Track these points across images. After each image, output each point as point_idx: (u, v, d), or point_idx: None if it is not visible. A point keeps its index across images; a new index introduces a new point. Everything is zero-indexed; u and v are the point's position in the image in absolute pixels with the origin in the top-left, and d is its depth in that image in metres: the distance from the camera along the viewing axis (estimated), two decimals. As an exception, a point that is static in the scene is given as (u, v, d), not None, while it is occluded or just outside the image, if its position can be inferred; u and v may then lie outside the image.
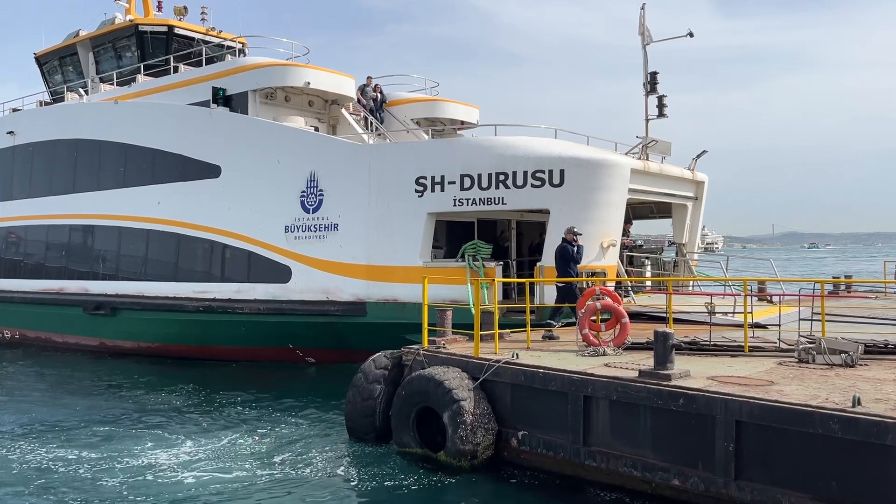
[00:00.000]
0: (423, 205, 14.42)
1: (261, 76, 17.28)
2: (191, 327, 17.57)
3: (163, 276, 17.96)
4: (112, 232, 19.17)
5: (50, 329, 21.28)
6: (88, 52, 22.61)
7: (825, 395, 7.15)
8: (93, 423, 12.29)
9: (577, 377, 8.37)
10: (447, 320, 11.07)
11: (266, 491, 8.83)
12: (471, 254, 13.78)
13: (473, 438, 8.79)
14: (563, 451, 8.41)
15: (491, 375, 9.12)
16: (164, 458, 10.05)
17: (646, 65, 15.69)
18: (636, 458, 7.81)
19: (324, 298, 15.39)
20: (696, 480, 7.35)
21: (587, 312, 10.11)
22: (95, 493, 8.77)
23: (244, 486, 8.97)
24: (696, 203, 17.57)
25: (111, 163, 19.24)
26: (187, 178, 17.53)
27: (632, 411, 7.88)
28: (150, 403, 13.87)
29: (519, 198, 13.85)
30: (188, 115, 17.71)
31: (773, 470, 6.92)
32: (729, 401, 7.17)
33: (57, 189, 20.79)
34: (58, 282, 20.55)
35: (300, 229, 15.79)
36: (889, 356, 9.27)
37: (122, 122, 19.05)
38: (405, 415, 9.61)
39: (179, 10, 22.02)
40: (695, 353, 9.63)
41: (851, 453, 6.43)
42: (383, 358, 10.50)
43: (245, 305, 16.36)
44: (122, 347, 19.49)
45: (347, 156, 15.33)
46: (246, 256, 16.51)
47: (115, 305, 18.82)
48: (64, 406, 13.80)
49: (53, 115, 21.61)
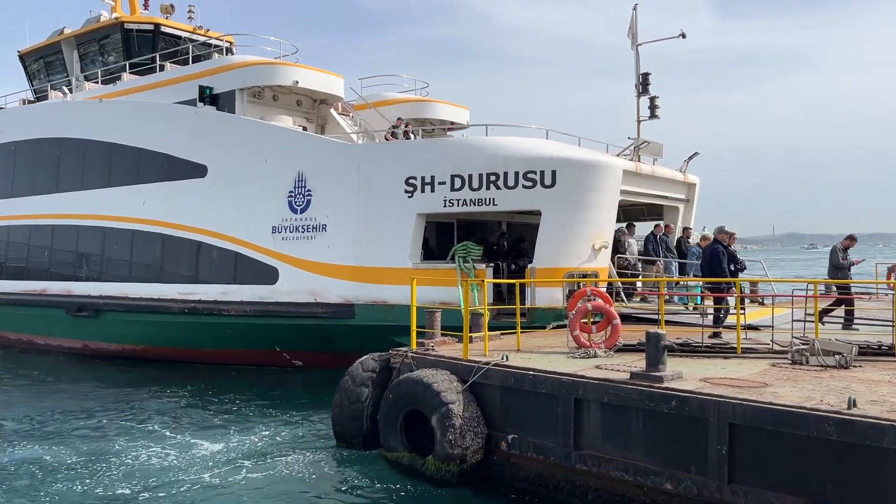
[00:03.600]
0: (412, 205, 14.24)
1: (248, 75, 17.07)
2: (175, 329, 17.28)
3: (147, 277, 17.67)
4: (96, 232, 18.85)
5: (31, 331, 20.89)
6: (73, 50, 22.29)
7: (820, 396, 7.04)
8: (75, 427, 12.02)
9: (568, 379, 8.22)
10: (436, 322, 10.90)
11: (250, 496, 8.61)
12: (461, 255, 13.63)
13: (462, 442, 8.61)
14: (554, 455, 8.25)
15: (480, 378, 8.95)
16: (144, 464, 9.81)
17: (637, 65, 15.64)
18: (628, 461, 7.67)
19: (311, 300, 15.17)
20: (688, 484, 7.21)
21: (578, 314, 9.97)
22: (80, 496, 8.51)
23: (227, 490, 8.76)
24: (687, 205, 17.53)
25: (95, 162, 18.94)
26: (173, 177, 17.26)
27: (623, 414, 7.74)
28: (131, 407, 13.59)
29: (510, 198, 13.71)
30: (174, 113, 17.45)
31: (766, 473, 6.79)
32: (722, 403, 7.03)
33: (40, 189, 20.44)
34: (40, 283, 20.18)
35: (288, 230, 15.56)
36: (883, 357, 9.20)
37: (107, 121, 18.76)
38: (393, 418, 9.42)
39: (166, 9, 21.74)
40: (687, 355, 9.51)
41: (847, 456, 6.31)
42: (371, 360, 10.32)
43: (231, 307, 16.11)
44: (105, 350, 19.15)
45: (336, 156, 15.14)
46: (232, 257, 16.26)
47: (98, 307, 18.48)
48: (45, 409, 13.49)
49: (37, 114, 21.26)
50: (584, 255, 13.56)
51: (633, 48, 15.69)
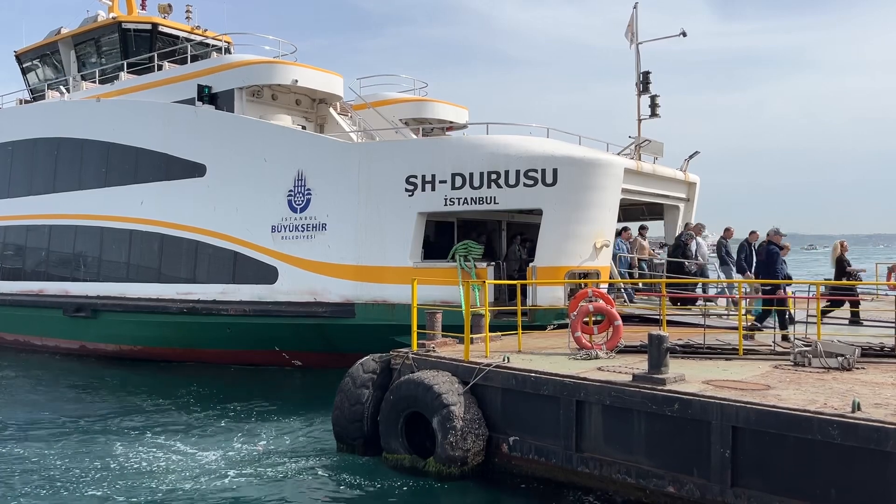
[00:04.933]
0: (413, 204, 14.18)
1: (248, 74, 16.97)
2: (174, 329, 17.20)
3: (146, 277, 17.58)
4: (94, 232, 18.75)
5: (29, 332, 20.79)
6: (70, 49, 22.15)
7: (823, 399, 7.00)
8: (71, 428, 11.95)
9: (570, 381, 8.18)
10: (437, 323, 10.84)
11: (249, 497, 8.56)
12: (462, 254, 13.57)
13: (463, 444, 8.57)
14: (556, 458, 8.22)
15: (481, 380, 8.91)
16: (141, 465, 9.75)
17: (638, 65, 15.58)
18: (630, 464, 7.63)
19: (311, 300, 15.10)
20: (691, 487, 7.18)
21: (579, 315, 9.92)
22: (76, 499, 8.45)
23: (226, 491, 8.70)
24: (687, 204, 17.47)
25: (93, 162, 18.82)
26: (171, 177, 17.17)
27: (625, 416, 7.70)
28: (129, 408, 13.52)
29: (511, 197, 13.65)
30: (173, 113, 17.34)
31: (770, 477, 6.75)
32: (725, 406, 7.00)
33: (37, 189, 20.32)
34: (37, 283, 20.08)
35: (287, 229, 15.49)
36: (885, 359, 9.16)
37: (105, 121, 18.64)
38: (393, 420, 9.37)
39: (164, 9, 21.62)
40: (688, 356, 9.47)
41: (851, 460, 6.28)
42: (371, 361, 10.26)
43: (230, 307, 16.03)
44: (103, 350, 19.07)
45: (336, 154, 15.06)
46: (231, 257, 16.18)
47: (96, 307, 18.39)
48: (41, 410, 13.42)
49: (34, 114, 21.12)
50: (586, 253, 13.51)
51: (634, 47, 15.63)
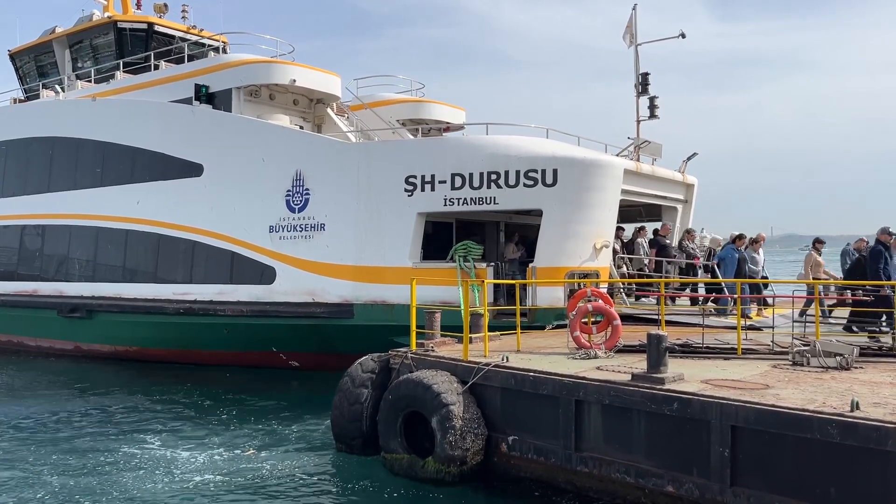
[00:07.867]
0: (412, 204, 14.16)
1: (245, 73, 16.92)
2: (170, 330, 17.13)
3: (142, 277, 17.50)
4: (89, 232, 18.66)
5: (22, 333, 20.67)
6: (65, 49, 22.05)
7: (822, 399, 7.02)
8: (65, 430, 11.90)
9: (569, 381, 8.18)
10: (436, 322, 10.83)
11: (248, 497, 8.53)
12: (461, 254, 13.57)
13: (462, 444, 8.56)
14: (555, 457, 8.21)
15: (480, 379, 8.90)
16: (138, 467, 9.70)
17: (637, 65, 15.61)
18: (629, 463, 7.63)
19: (309, 300, 15.06)
20: (690, 487, 7.18)
21: (578, 314, 9.93)
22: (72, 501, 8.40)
23: (225, 492, 8.66)
24: (685, 206, 17.52)
25: (89, 161, 18.74)
26: (168, 176, 17.10)
27: (625, 416, 7.70)
28: (125, 410, 13.46)
29: (511, 197, 13.66)
30: (169, 112, 17.29)
31: (769, 476, 6.77)
32: (724, 405, 7.01)
33: (32, 188, 20.22)
34: (31, 283, 19.97)
35: (285, 229, 15.45)
36: (884, 359, 9.20)
37: (101, 120, 18.56)
38: (392, 420, 9.35)
39: (159, 8, 21.55)
40: (687, 356, 9.49)
41: (850, 459, 6.29)
42: (370, 361, 10.25)
43: (227, 307, 15.97)
44: (98, 351, 18.97)
45: (335, 154, 15.04)
46: (229, 257, 16.13)
47: (91, 308, 18.30)
48: (35, 411, 13.35)
49: (28, 113, 21.03)
50: (586, 254, 13.53)
51: (633, 48, 15.66)
